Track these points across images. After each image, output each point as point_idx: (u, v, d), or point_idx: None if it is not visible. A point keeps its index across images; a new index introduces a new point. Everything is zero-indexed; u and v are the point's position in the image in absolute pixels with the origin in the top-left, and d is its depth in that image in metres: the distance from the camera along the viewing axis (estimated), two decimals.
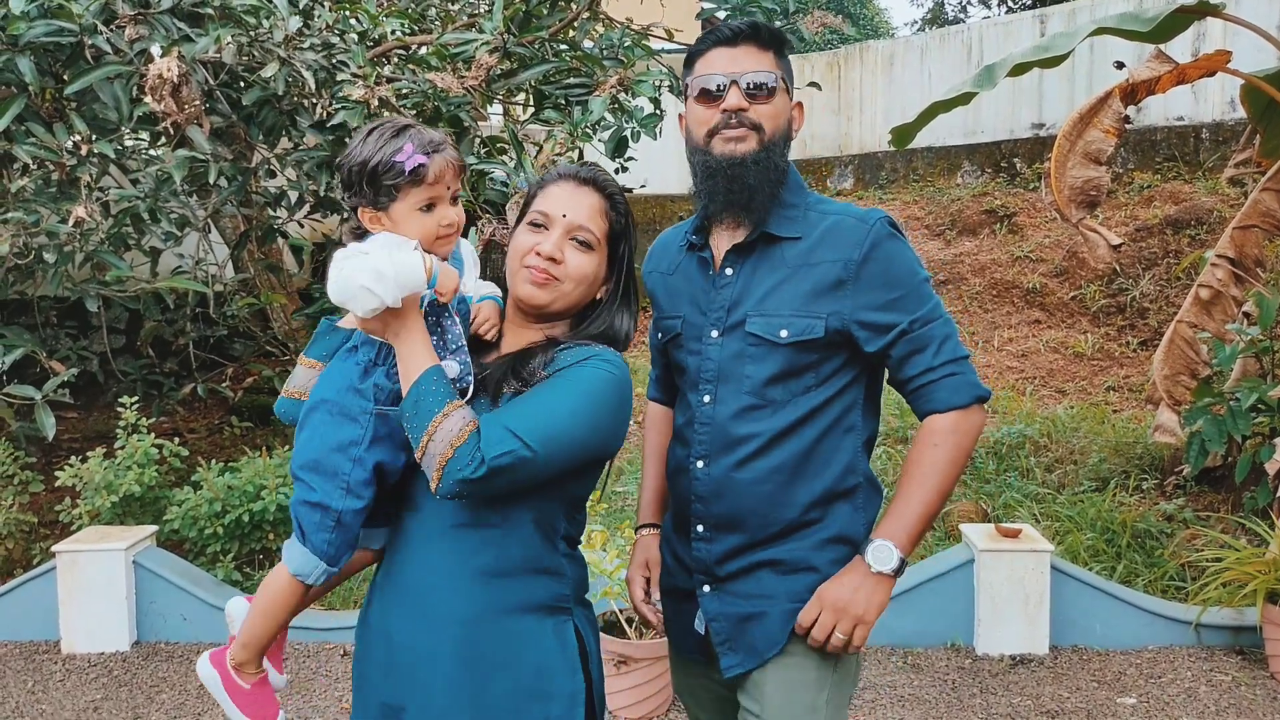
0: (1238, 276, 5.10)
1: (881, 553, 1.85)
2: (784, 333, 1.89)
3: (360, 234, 1.73)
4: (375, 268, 1.58)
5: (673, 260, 2.11)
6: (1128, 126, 4.67)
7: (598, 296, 1.83)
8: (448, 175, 1.71)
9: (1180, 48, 8.57)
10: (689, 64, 1.99)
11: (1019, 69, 5.08)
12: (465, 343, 1.72)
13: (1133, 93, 4.57)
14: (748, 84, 1.91)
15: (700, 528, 1.96)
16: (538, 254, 1.75)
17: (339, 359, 1.77)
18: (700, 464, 1.95)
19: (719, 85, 1.92)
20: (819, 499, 1.92)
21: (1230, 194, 8.61)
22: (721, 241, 2.00)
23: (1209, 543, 4.90)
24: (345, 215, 1.76)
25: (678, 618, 2.09)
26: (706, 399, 1.94)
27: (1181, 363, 5.08)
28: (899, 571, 1.86)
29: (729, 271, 1.97)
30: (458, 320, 1.73)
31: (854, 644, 1.85)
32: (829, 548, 1.93)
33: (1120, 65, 4.78)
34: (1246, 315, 5.48)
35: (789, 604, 1.91)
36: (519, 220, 1.83)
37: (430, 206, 1.70)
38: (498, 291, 1.86)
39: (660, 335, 2.12)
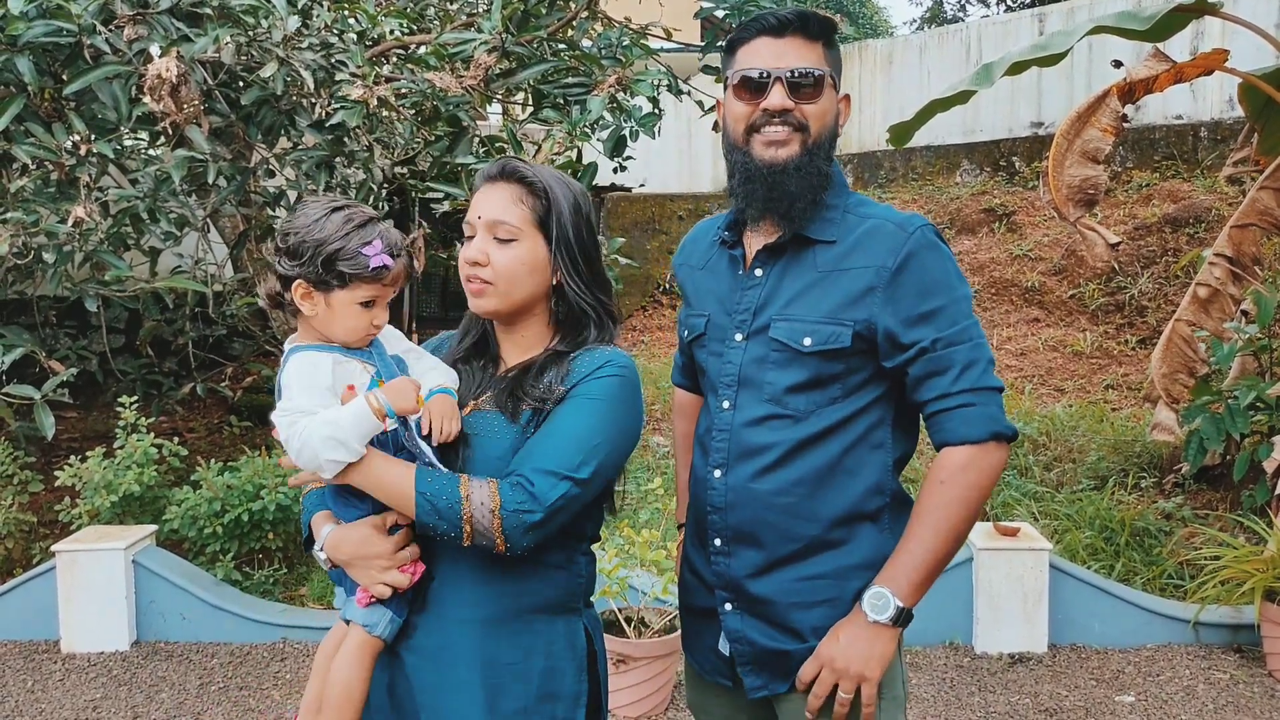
0: (1235, 275, 5.10)
1: (878, 601, 1.72)
2: (808, 340, 1.77)
3: (278, 300, 1.70)
4: (330, 435, 1.55)
5: (704, 255, 2.01)
6: (1127, 125, 4.68)
7: (555, 282, 1.74)
8: (399, 280, 1.70)
9: (1179, 46, 8.58)
10: (730, 50, 1.86)
11: (1016, 67, 5.08)
12: (432, 447, 1.66)
13: (1130, 91, 4.58)
14: (793, 80, 1.77)
15: (718, 541, 1.86)
16: (470, 262, 1.72)
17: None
18: (717, 473, 1.85)
19: (762, 79, 1.78)
20: (842, 517, 1.80)
21: (1229, 192, 8.62)
22: (754, 240, 1.89)
23: (1207, 541, 4.91)
24: (275, 281, 1.72)
25: (697, 638, 1.99)
26: (726, 404, 1.85)
27: (1180, 361, 5.09)
28: (900, 620, 1.73)
29: (758, 272, 1.86)
30: (414, 433, 1.67)
31: (864, 703, 1.72)
32: (854, 574, 1.81)
33: (1118, 64, 4.78)
34: (1245, 313, 5.49)
35: (815, 642, 1.81)
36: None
37: (370, 303, 1.67)
38: (449, 376, 1.77)
39: (686, 332, 2.01)
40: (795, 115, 1.78)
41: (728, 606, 1.87)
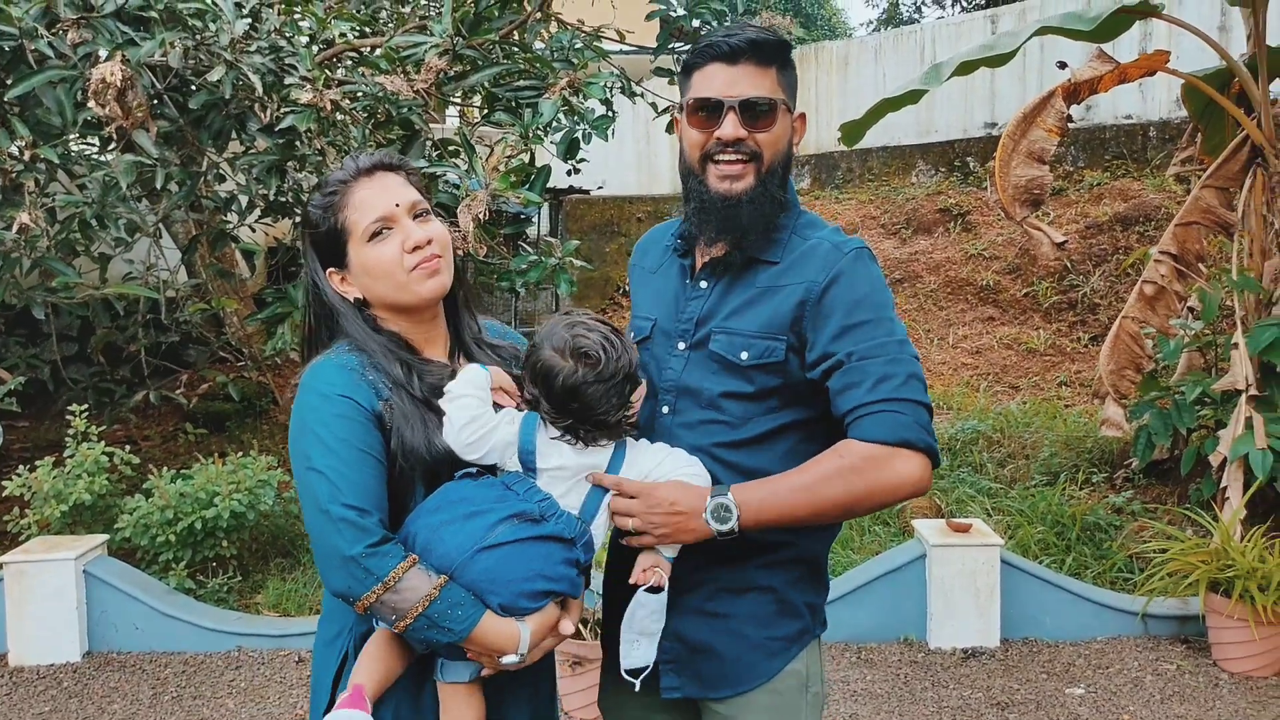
0: (1181, 272, 5.20)
1: (724, 513, 1.68)
2: (744, 354, 1.80)
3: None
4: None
5: (657, 259, 2.03)
6: (1078, 125, 4.75)
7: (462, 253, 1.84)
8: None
9: (1127, 48, 8.72)
10: (685, 73, 1.87)
11: (965, 67, 5.14)
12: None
13: (1075, 92, 4.65)
14: (746, 109, 1.78)
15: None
16: (417, 247, 1.71)
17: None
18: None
19: (715, 108, 1.79)
20: None
21: (1177, 191, 8.77)
22: (703, 252, 1.91)
23: (1156, 535, 5.00)
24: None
25: (617, 633, 1.90)
26: (665, 409, 1.86)
27: (1127, 357, 5.17)
28: (725, 535, 1.70)
29: (703, 284, 1.89)
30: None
31: (643, 540, 1.71)
32: (789, 567, 1.84)
33: (1063, 65, 4.86)
34: (1191, 310, 5.59)
35: (744, 643, 1.82)
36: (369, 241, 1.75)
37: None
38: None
39: (633, 334, 1.96)
40: (748, 144, 1.79)
41: None
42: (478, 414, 1.68)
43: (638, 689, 1.80)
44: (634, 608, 1.73)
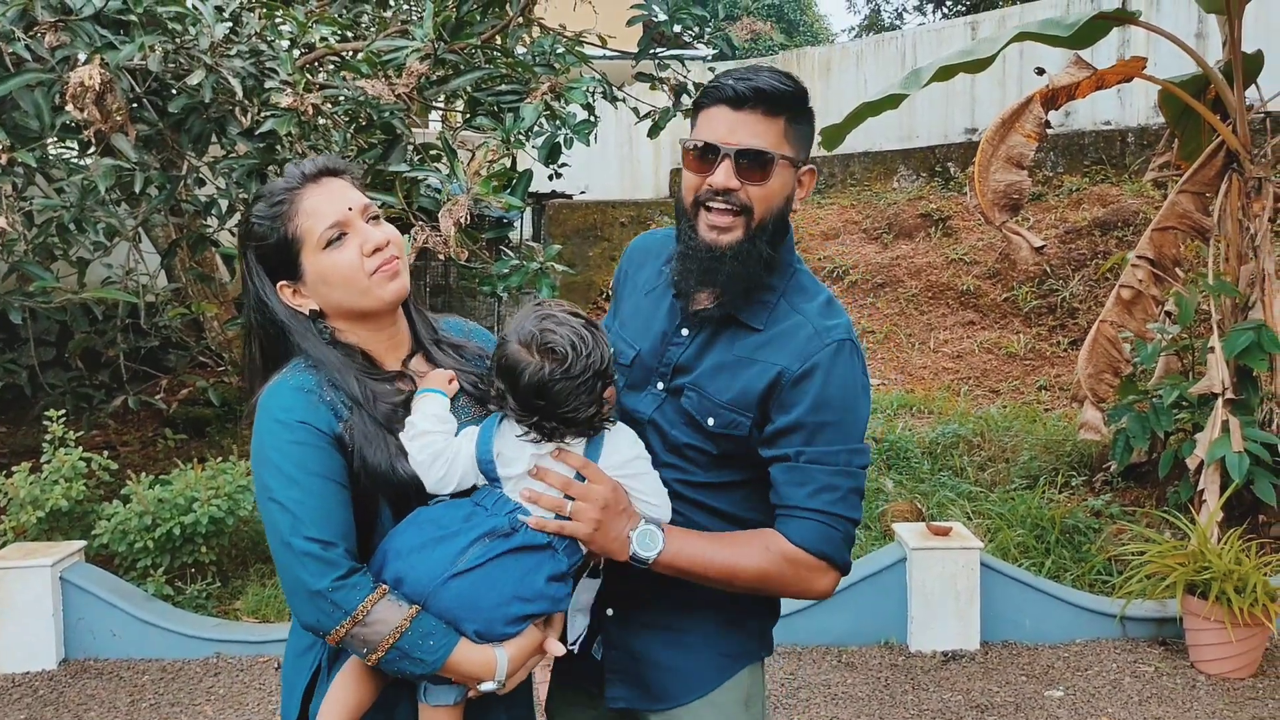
0: (1158, 277, 5.25)
1: (648, 539, 1.68)
2: (711, 420, 1.75)
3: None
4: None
5: (652, 279, 1.93)
6: (1058, 130, 4.80)
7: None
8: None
9: (1106, 54, 8.79)
10: (695, 110, 1.79)
11: (944, 72, 5.18)
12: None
13: (1053, 98, 4.69)
14: (742, 158, 1.69)
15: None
16: (377, 249, 1.66)
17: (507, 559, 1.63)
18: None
19: (711, 152, 1.71)
20: (732, 528, 1.80)
21: (1155, 196, 8.85)
22: (693, 299, 1.83)
23: (1134, 537, 5.03)
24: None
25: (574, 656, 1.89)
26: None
27: (1105, 361, 5.22)
28: (638, 561, 1.68)
29: (685, 332, 1.82)
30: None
31: (563, 529, 1.65)
32: (738, 599, 1.82)
33: (1041, 71, 4.90)
34: (1168, 314, 5.64)
35: (691, 656, 1.83)
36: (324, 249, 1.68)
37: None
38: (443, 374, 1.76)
39: (613, 352, 1.86)
40: (739, 196, 1.70)
41: (609, 612, 1.85)
42: (440, 450, 1.64)
43: (576, 653, 1.80)
44: (577, 592, 1.73)
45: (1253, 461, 4.74)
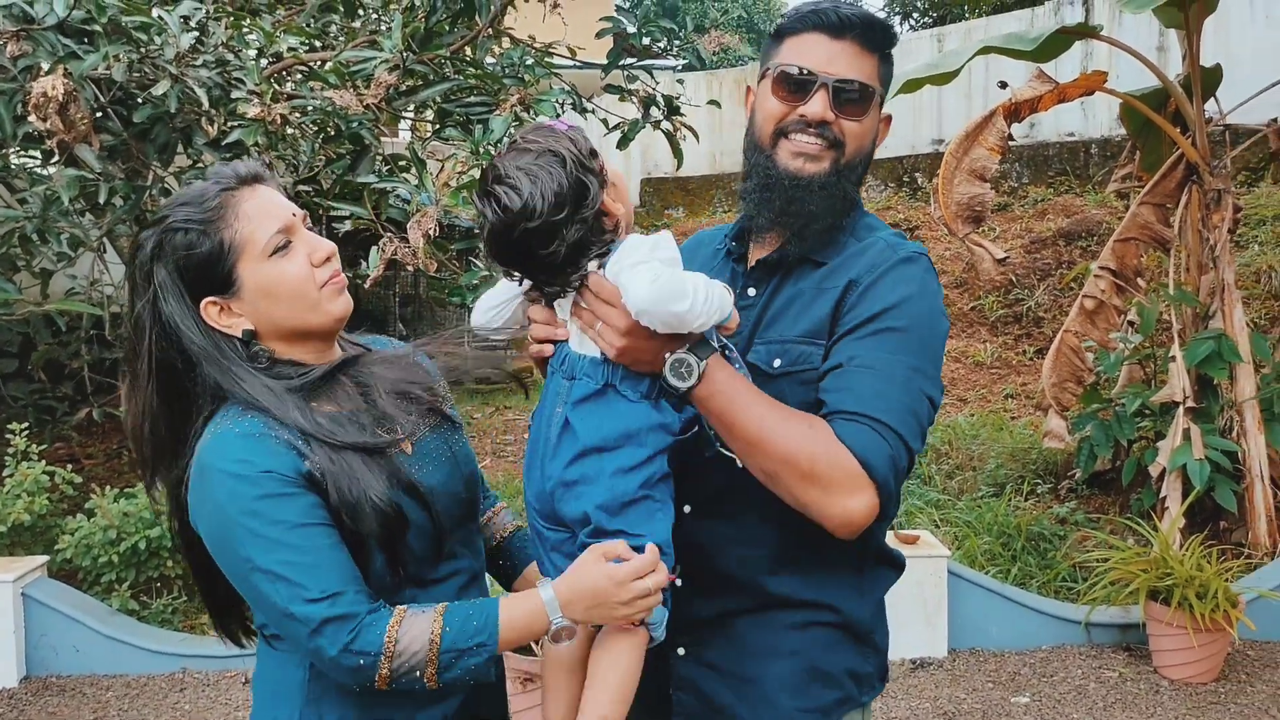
0: (1120, 287, 5.32)
1: (682, 369, 1.47)
2: (777, 362, 1.56)
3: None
4: (705, 282, 1.40)
5: (704, 264, 1.75)
6: (1023, 141, 4.86)
7: None
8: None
9: (1070, 67, 8.91)
10: (776, 37, 1.64)
11: (911, 85, 5.23)
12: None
13: (1016, 111, 4.75)
14: (840, 90, 1.56)
15: (676, 582, 1.60)
16: (327, 259, 1.52)
17: (587, 406, 1.48)
18: (686, 508, 1.63)
19: (805, 81, 1.56)
20: (815, 566, 1.60)
21: (1117, 207, 8.97)
22: (755, 252, 1.69)
23: (1098, 544, 5.10)
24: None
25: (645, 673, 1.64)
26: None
27: (1068, 370, 5.28)
28: (670, 389, 1.47)
29: (751, 292, 1.66)
30: (736, 352, 1.52)
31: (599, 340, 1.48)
32: (825, 631, 1.63)
33: (1003, 85, 4.96)
34: (1131, 324, 5.72)
35: (772, 710, 1.61)
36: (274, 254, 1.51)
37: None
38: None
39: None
40: (833, 129, 1.57)
41: (680, 651, 1.66)
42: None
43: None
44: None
45: (1213, 469, 4.82)
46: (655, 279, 1.37)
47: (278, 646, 1.55)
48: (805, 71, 1.56)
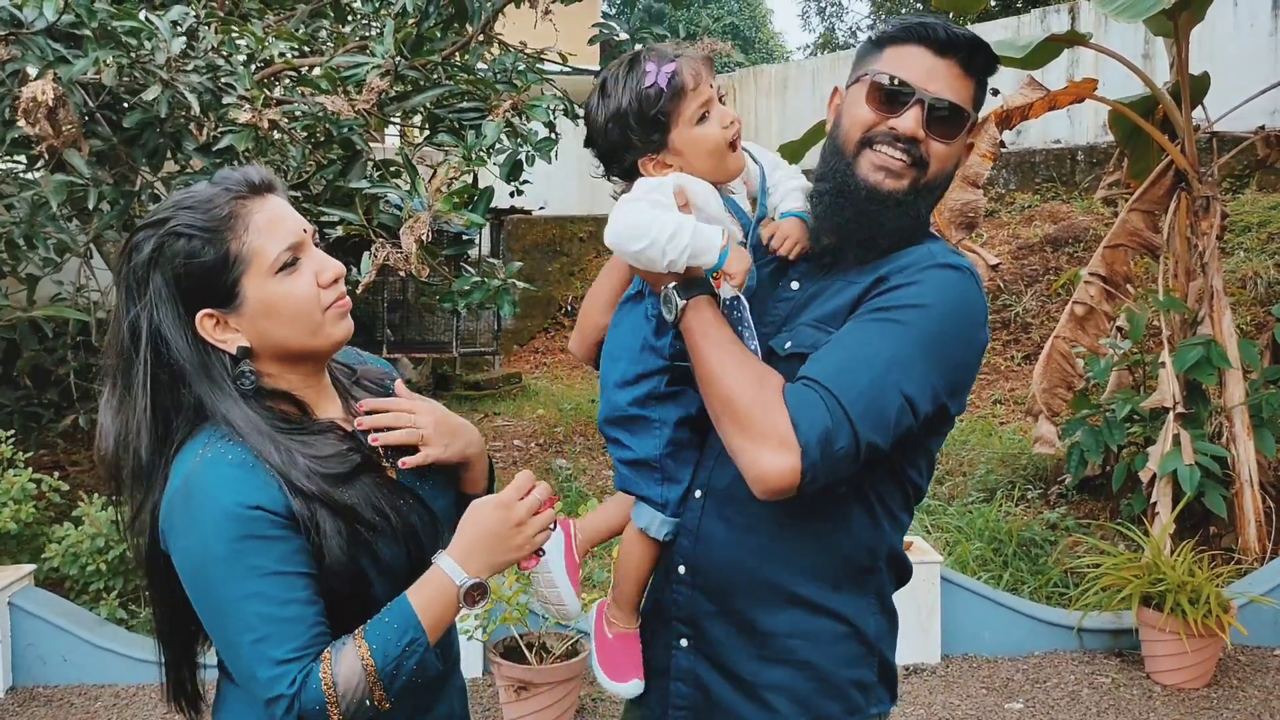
0: (1109, 293, 5.34)
1: (675, 296, 1.55)
2: (788, 344, 1.54)
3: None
4: (676, 224, 1.45)
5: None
6: (1010, 148, 4.88)
7: None
8: (703, 73, 1.55)
9: (1057, 75, 8.97)
10: (877, 45, 1.59)
11: None
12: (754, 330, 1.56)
13: (1008, 118, 4.77)
14: (936, 110, 1.51)
15: (681, 569, 1.64)
16: (335, 280, 1.46)
17: (627, 308, 1.67)
18: (698, 493, 1.62)
19: (903, 94, 1.52)
20: (826, 570, 1.58)
21: (1104, 213, 9.03)
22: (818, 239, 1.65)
23: (1089, 550, 5.11)
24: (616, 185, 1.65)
25: (645, 662, 1.73)
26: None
27: (1058, 376, 5.30)
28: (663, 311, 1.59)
29: (794, 285, 1.63)
30: (747, 308, 1.55)
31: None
32: (834, 642, 1.59)
33: (995, 92, 4.97)
34: (1120, 330, 5.75)
35: (775, 718, 1.59)
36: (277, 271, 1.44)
37: (704, 116, 1.55)
38: (805, 208, 1.63)
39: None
40: (920, 148, 1.52)
41: (683, 643, 1.66)
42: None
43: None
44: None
45: (1203, 474, 4.84)
46: (621, 218, 1.49)
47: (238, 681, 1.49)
48: (903, 84, 1.52)
